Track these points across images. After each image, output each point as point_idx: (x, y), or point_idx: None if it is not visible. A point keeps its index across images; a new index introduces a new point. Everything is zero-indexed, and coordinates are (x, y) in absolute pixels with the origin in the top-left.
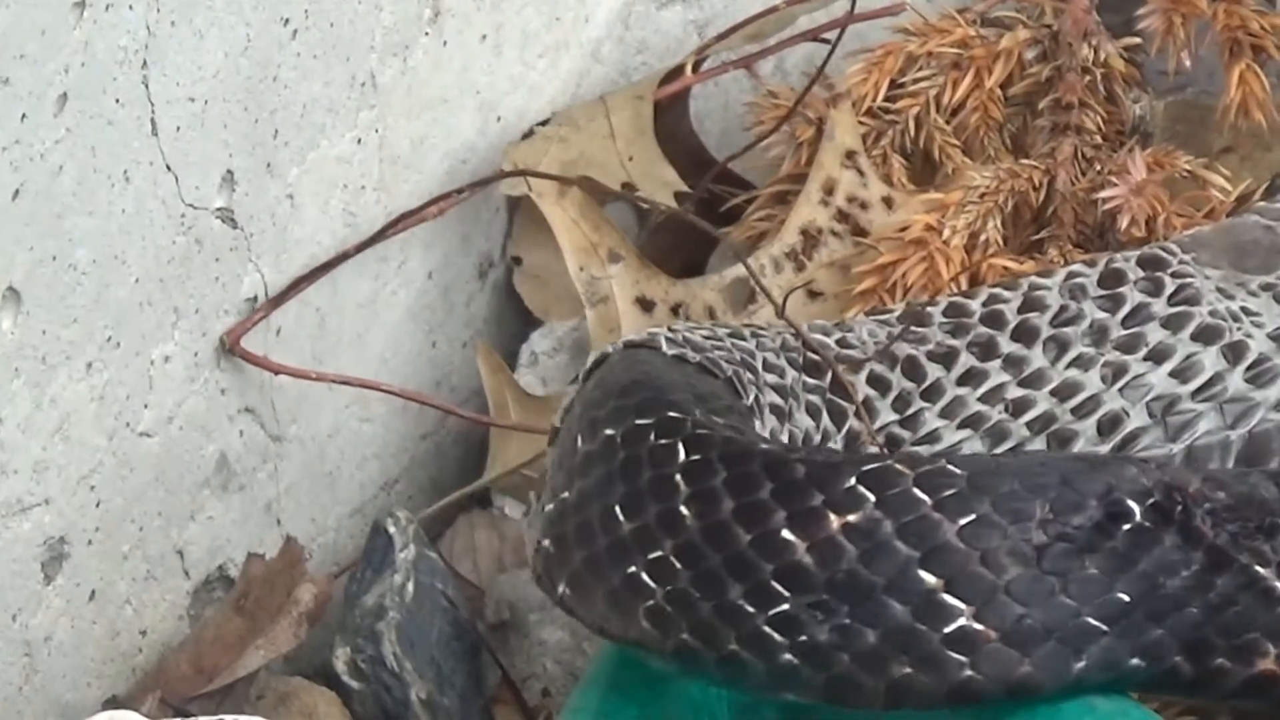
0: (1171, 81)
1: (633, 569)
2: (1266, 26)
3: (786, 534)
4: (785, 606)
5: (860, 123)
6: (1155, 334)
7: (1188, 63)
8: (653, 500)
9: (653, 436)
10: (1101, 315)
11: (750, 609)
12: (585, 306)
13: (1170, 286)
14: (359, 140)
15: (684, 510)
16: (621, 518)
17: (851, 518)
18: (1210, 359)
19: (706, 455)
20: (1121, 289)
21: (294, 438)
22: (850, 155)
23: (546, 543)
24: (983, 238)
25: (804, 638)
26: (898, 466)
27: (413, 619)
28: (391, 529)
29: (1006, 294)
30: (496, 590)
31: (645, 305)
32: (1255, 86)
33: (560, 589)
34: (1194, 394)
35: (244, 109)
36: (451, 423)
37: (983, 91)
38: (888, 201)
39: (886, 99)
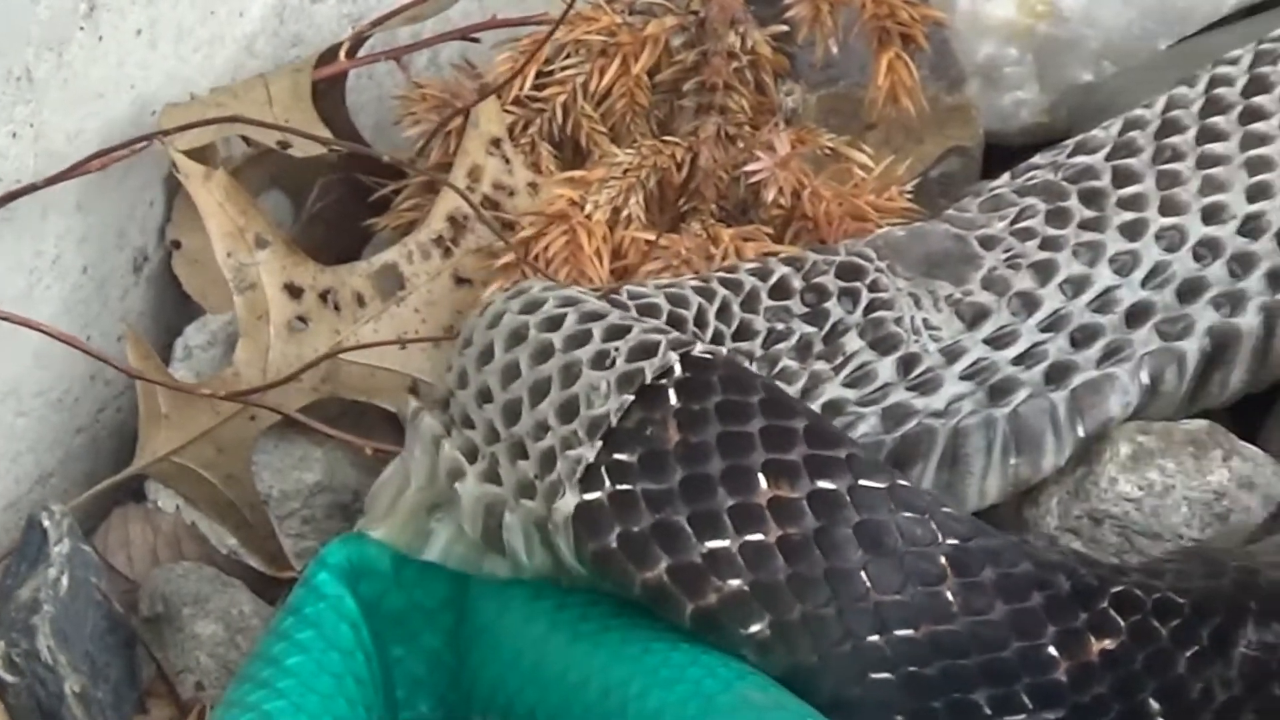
0: (824, 74)
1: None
2: (915, 16)
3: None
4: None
5: (508, 111)
6: (851, 344)
7: (835, 50)
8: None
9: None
10: (808, 330)
11: (989, 711)
12: (234, 293)
13: (866, 299)
14: (14, 135)
15: (949, 597)
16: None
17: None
18: (885, 368)
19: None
20: (826, 304)
21: None
22: (496, 143)
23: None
24: (625, 213)
25: None
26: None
27: (67, 613)
28: (46, 523)
29: (734, 303)
30: (150, 584)
31: (293, 291)
32: (904, 75)
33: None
34: (860, 399)
35: None
36: (107, 417)
37: (629, 78)
38: (533, 188)
39: (534, 87)
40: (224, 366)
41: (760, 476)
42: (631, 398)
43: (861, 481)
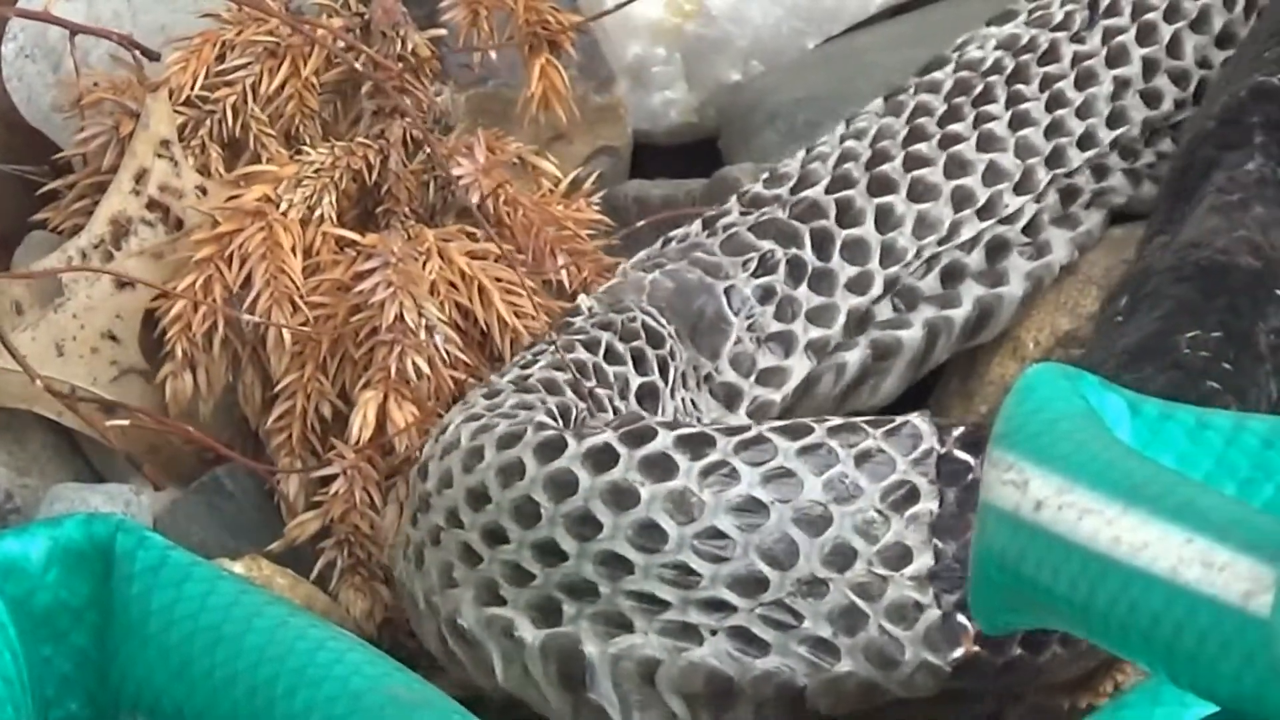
0: (472, 74)
1: None
2: (564, 22)
3: None
4: None
5: (179, 112)
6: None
7: (494, 55)
8: None
9: None
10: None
11: None
12: None
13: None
14: None
15: None
16: None
17: None
18: None
19: None
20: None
21: None
22: (165, 144)
23: None
24: (318, 212)
25: None
26: None
27: None
28: None
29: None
30: None
31: None
32: (556, 80)
33: None
34: None
35: None
36: None
37: (299, 80)
38: (202, 190)
39: (205, 88)
40: None
41: None
42: (931, 509)
43: None
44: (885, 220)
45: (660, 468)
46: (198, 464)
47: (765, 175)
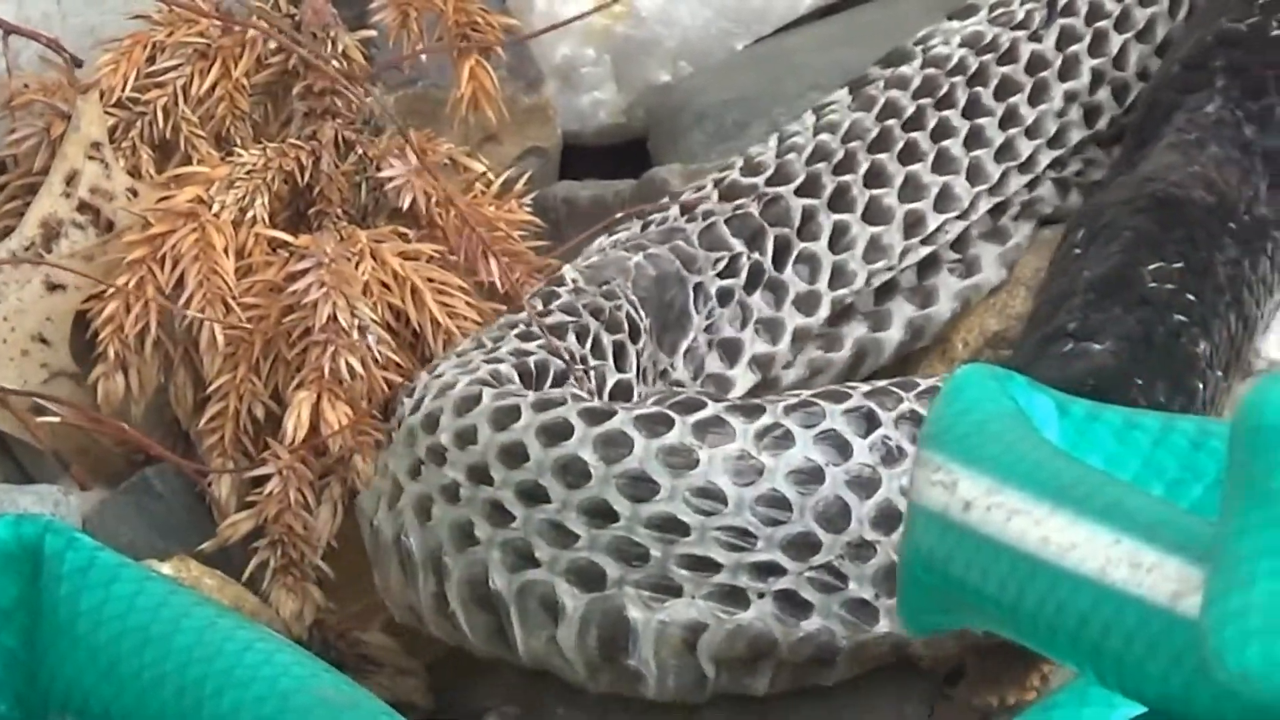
0: (402, 75)
1: None
2: (493, 23)
3: None
4: None
5: (110, 114)
6: None
7: (424, 57)
8: None
9: None
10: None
11: None
12: None
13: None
14: None
15: None
16: None
17: None
18: None
19: None
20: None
21: None
22: (96, 146)
23: None
24: (250, 213)
25: None
26: None
27: None
28: None
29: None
30: None
31: None
32: (485, 81)
33: None
34: None
35: None
36: None
37: (230, 81)
38: (133, 192)
39: (136, 89)
40: None
41: None
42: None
43: None
44: (839, 240)
45: (717, 431)
46: (126, 465)
47: (740, 162)
